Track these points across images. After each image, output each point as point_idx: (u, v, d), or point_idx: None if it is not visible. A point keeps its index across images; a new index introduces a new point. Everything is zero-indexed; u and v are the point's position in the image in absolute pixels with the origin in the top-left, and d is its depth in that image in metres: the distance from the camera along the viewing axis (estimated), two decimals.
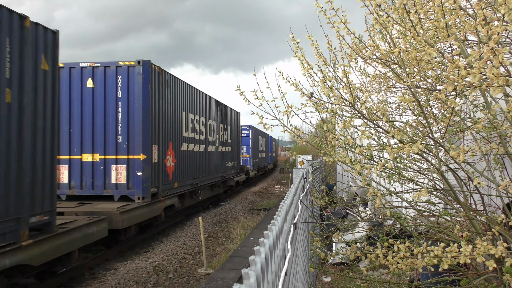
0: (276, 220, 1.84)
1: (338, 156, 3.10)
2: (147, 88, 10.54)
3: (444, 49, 3.42)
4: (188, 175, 14.14)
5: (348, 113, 3.25)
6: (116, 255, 10.17)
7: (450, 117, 2.66)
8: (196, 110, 15.42)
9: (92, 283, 8.06)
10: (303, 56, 3.06)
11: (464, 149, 2.20)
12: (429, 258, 2.31)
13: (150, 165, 10.64)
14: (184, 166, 13.68)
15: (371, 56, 3.21)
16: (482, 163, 3.80)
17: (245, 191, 25.72)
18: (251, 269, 1.15)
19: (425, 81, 3.32)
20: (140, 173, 10.48)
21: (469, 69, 1.76)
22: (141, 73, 10.54)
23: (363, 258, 2.87)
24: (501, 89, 1.68)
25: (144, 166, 10.49)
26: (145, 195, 10.52)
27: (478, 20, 1.75)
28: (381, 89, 4.75)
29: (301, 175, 4.73)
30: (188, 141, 14.19)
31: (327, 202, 4.81)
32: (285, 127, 3.39)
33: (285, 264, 1.75)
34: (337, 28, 2.78)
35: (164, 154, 11.69)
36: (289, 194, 2.95)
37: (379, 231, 4.64)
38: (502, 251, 2.06)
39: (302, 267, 3.63)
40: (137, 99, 10.49)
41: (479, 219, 3.11)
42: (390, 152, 2.41)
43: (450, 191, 3.14)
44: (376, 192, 2.52)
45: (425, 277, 4.47)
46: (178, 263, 9.60)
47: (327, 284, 6.65)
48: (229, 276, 7.99)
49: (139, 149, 10.50)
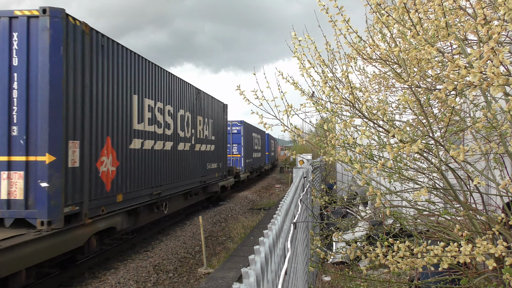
0: (276, 219, 1.84)
1: (338, 155, 3.11)
2: (59, 53, 6.80)
3: (444, 48, 3.41)
4: (144, 182, 10.25)
5: (348, 112, 3.25)
6: (116, 255, 10.18)
7: (450, 117, 2.66)
8: (159, 96, 11.33)
9: (92, 282, 8.06)
10: (304, 55, 3.06)
11: (464, 149, 2.20)
12: (429, 258, 2.31)
13: (63, 171, 6.86)
14: (136, 171, 9.81)
15: (371, 55, 3.21)
16: (482, 162, 3.81)
17: (240, 192, 25.71)
18: (251, 268, 1.15)
19: (425, 81, 3.32)
20: (44, 184, 6.66)
21: (469, 68, 1.76)
22: (47, 28, 6.71)
23: (363, 257, 2.87)
24: (501, 89, 1.68)
25: (52, 173, 6.70)
26: (54, 217, 6.68)
27: (478, 19, 1.75)
28: (381, 88, 4.75)
29: (301, 174, 4.73)
30: (144, 136, 10.28)
31: (327, 201, 4.81)
32: (285, 126, 3.39)
33: (285, 263, 1.75)
34: (339, 27, 2.78)
35: (95, 154, 7.93)
36: (289, 193, 2.95)
37: (379, 231, 4.64)
38: (502, 250, 2.06)
39: (302, 266, 3.63)
40: (41, 68, 6.72)
41: (479, 218, 3.12)
42: (390, 151, 2.41)
43: (450, 190, 3.14)
44: (376, 191, 2.52)
45: (425, 277, 4.47)
46: (178, 262, 9.60)
47: (327, 284, 6.65)
48: (229, 275, 8.00)
49: (44, 146, 6.69)
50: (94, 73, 7.94)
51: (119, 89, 8.96)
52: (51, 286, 7.79)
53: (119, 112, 9.01)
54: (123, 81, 9.14)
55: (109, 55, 8.54)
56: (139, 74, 10.04)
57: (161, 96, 11.57)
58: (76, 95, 7.33)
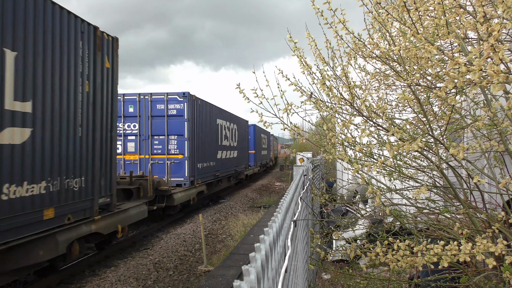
0: (276, 217, 1.85)
1: (338, 154, 3.10)
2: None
3: (444, 47, 3.41)
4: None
5: (348, 111, 3.25)
6: (116, 252, 10.19)
7: (450, 115, 2.66)
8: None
9: (93, 280, 8.08)
10: (302, 56, 3.05)
11: (464, 147, 2.20)
12: (429, 256, 2.31)
13: None
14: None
15: (370, 54, 3.21)
16: (482, 160, 3.80)
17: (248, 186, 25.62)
18: (251, 266, 1.16)
19: (425, 79, 3.31)
20: None
21: (469, 66, 1.75)
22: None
23: (363, 255, 2.88)
24: (501, 86, 1.68)
25: None
26: None
27: (478, 17, 1.74)
28: (381, 87, 4.74)
29: (301, 172, 4.73)
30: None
31: (327, 199, 4.81)
32: (285, 124, 3.39)
33: (285, 261, 1.76)
34: (335, 28, 2.78)
35: None
36: (289, 192, 2.96)
37: (379, 229, 4.65)
38: (502, 249, 2.07)
39: (302, 264, 3.64)
40: None
41: (479, 217, 3.12)
42: (390, 149, 2.41)
43: (450, 188, 3.14)
44: (375, 190, 2.52)
45: (425, 275, 4.47)
46: (178, 260, 9.61)
47: (327, 281, 6.66)
48: (229, 273, 8.01)
49: None
50: None
51: None
52: (52, 283, 7.81)
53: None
54: None
55: None
56: None
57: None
58: None
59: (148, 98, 14.62)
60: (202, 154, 16.15)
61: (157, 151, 14.60)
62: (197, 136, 15.48)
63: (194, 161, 15.11)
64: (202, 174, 16.14)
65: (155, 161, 14.39)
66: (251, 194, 22.45)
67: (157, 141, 14.64)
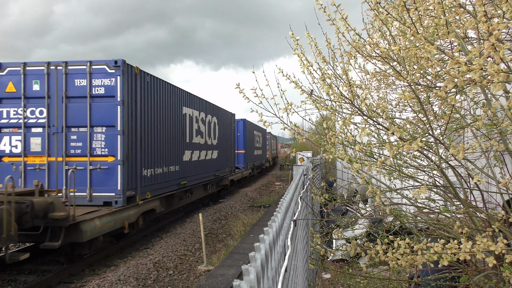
0: (276, 216, 1.85)
1: (338, 153, 3.10)
2: None
3: (444, 46, 3.41)
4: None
5: (348, 110, 3.25)
6: (116, 252, 10.19)
7: (450, 114, 2.66)
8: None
9: (92, 280, 8.08)
10: (303, 54, 3.05)
11: (464, 146, 2.20)
12: (429, 255, 2.31)
13: None
14: None
15: (370, 53, 3.20)
16: (482, 160, 3.80)
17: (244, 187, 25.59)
18: (251, 266, 1.16)
19: (425, 78, 3.31)
20: None
21: (469, 66, 1.75)
22: None
23: (363, 255, 2.88)
24: (501, 86, 1.67)
25: None
26: None
27: (479, 16, 1.74)
28: (381, 86, 4.74)
29: (301, 172, 4.73)
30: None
31: (327, 199, 4.81)
32: (285, 124, 3.39)
33: (285, 261, 1.75)
34: (337, 25, 2.77)
35: None
36: (289, 191, 2.96)
37: (379, 228, 4.65)
38: (502, 248, 2.06)
39: (302, 264, 3.64)
40: None
41: (479, 216, 3.12)
42: (390, 149, 2.41)
43: (450, 188, 3.14)
44: (375, 190, 2.52)
45: (425, 274, 4.47)
46: (178, 260, 9.62)
47: (327, 281, 6.66)
48: (229, 272, 8.01)
49: None
50: None
51: None
52: (52, 283, 7.81)
53: None
54: None
55: None
56: None
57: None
58: None
59: (61, 69, 9.64)
60: (153, 155, 11.17)
61: (76, 150, 9.67)
62: (142, 129, 10.48)
63: (136, 167, 10.16)
64: (152, 184, 11.14)
65: (72, 165, 9.51)
66: (251, 194, 22.47)
67: (75, 136, 9.70)
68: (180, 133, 13.54)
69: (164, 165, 12.07)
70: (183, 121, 13.95)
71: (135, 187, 10.17)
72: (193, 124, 15.10)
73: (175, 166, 13.01)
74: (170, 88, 12.71)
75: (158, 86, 11.73)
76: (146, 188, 10.84)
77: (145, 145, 10.75)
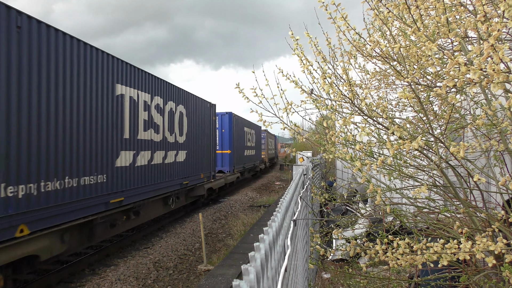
0: (276, 216, 1.85)
1: (338, 153, 3.10)
2: None
3: (445, 45, 3.41)
4: None
5: (348, 109, 3.25)
6: (116, 251, 10.19)
7: (450, 114, 2.66)
8: None
9: (92, 279, 8.08)
10: (303, 54, 3.05)
11: (464, 146, 2.20)
12: (428, 255, 2.31)
13: None
14: None
15: (371, 52, 3.20)
16: (482, 159, 3.80)
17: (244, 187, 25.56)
18: (251, 265, 1.15)
19: (425, 78, 3.31)
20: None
21: (469, 65, 1.75)
22: None
23: (362, 254, 2.88)
24: (501, 86, 1.67)
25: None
26: None
27: (479, 16, 1.74)
28: (381, 86, 4.74)
29: (301, 171, 4.73)
30: None
31: (327, 198, 4.81)
32: (285, 124, 3.39)
33: (285, 260, 1.75)
34: (338, 24, 2.77)
35: None
36: (289, 191, 2.96)
37: (379, 228, 4.65)
38: (502, 248, 2.06)
39: (302, 264, 3.64)
40: None
41: (479, 216, 3.12)
42: (391, 147, 2.40)
43: (450, 187, 3.14)
44: (376, 189, 2.52)
45: (425, 274, 4.48)
46: (178, 259, 9.62)
47: (327, 281, 6.66)
48: (229, 272, 8.01)
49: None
50: None
51: None
52: (52, 282, 7.81)
53: None
54: None
55: None
56: None
57: None
58: None
59: None
60: (37, 159, 6.46)
61: None
62: (11, 113, 5.93)
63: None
64: (34, 211, 6.37)
65: None
66: (251, 193, 22.47)
67: None
68: (110, 124, 8.88)
69: (68, 175, 7.28)
70: (120, 108, 9.34)
71: None
72: (139, 113, 10.31)
73: (98, 175, 8.34)
74: (86, 49, 7.84)
75: (57, 42, 6.94)
76: (18, 218, 6.03)
77: (16, 141, 6.03)
